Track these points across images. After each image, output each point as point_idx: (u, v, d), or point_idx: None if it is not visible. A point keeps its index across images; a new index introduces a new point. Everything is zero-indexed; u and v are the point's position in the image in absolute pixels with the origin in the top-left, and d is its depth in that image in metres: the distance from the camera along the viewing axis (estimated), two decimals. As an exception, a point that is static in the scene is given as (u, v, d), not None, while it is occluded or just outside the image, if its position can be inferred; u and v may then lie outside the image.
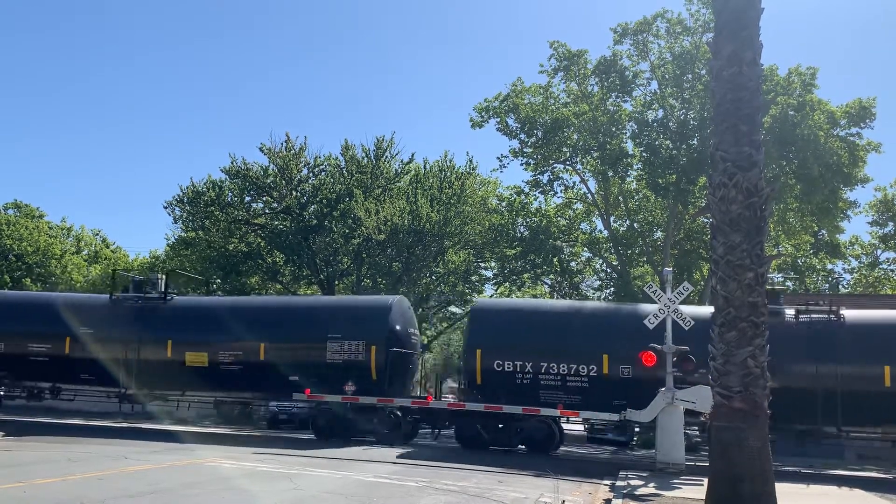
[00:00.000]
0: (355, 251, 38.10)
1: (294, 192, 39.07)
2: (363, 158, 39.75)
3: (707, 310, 16.20)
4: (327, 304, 26.98)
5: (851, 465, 22.64)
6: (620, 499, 12.21)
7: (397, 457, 17.97)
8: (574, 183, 40.36)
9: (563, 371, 21.07)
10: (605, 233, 41.02)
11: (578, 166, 38.93)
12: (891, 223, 48.19)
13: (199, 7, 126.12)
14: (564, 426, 23.46)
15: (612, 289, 42.70)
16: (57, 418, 26.77)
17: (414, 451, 19.98)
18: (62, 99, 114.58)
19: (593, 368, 20.89)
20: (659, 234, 40.91)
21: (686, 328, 17.66)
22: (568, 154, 37.97)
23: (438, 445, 22.98)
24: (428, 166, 40.41)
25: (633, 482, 14.43)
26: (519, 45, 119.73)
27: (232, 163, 39.41)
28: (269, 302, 29.39)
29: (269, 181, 39.52)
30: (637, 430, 24.24)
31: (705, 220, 34.99)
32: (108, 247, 63.94)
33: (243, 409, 29.05)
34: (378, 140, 39.89)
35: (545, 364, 21.22)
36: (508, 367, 21.47)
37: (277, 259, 40.62)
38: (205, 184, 40.02)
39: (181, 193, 40.47)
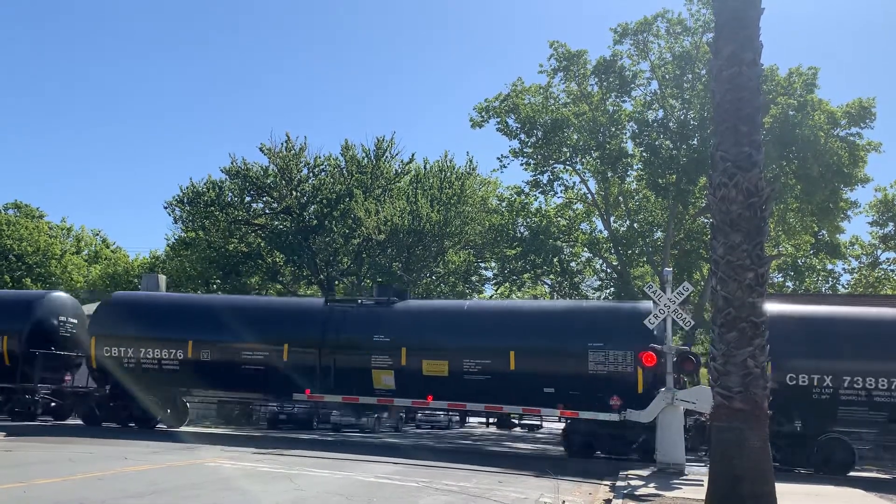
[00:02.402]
0: (355, 251, 38.13)
1: (294, 193, 39.10)
2: (363, 158, 39.79)
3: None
4: (586, 310, 23.77)
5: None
6: (620, 499, 12.20)
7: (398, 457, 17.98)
8: (574, 183, 40.44)
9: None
10: (605, 233, 41.05)
11: (578, 166, 38.97)
12: (891, 223, 48.20)
13: (200, 7, 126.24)
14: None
15: (612, 289, 42.73)
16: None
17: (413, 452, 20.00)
18: (62, 99, 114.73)
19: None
20: (659, 234, 40.93)
21: (686, 328, 17.66)
22: (568, 154, 37.99)
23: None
24: (428, 166, 40.48)
25: (633, 482, 14.43)
26: (519, 45, 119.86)
27: (232, 163, 39.49)
28: (519, 306, 26.42)
29: (269, 181, 39.56)
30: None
31: (705, 221, 35.01)
32: (108, 247, 64.02)
33: (244, 409, 28.93)
34: (378, 140, 39.98)
35: None
36: None
37: (277, 259, 40.65)
38: (205, 184, 40.07)
39: (181, 194, 40.54)
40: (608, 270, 44.03)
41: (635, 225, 41.07)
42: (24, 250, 50.84)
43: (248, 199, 40.90)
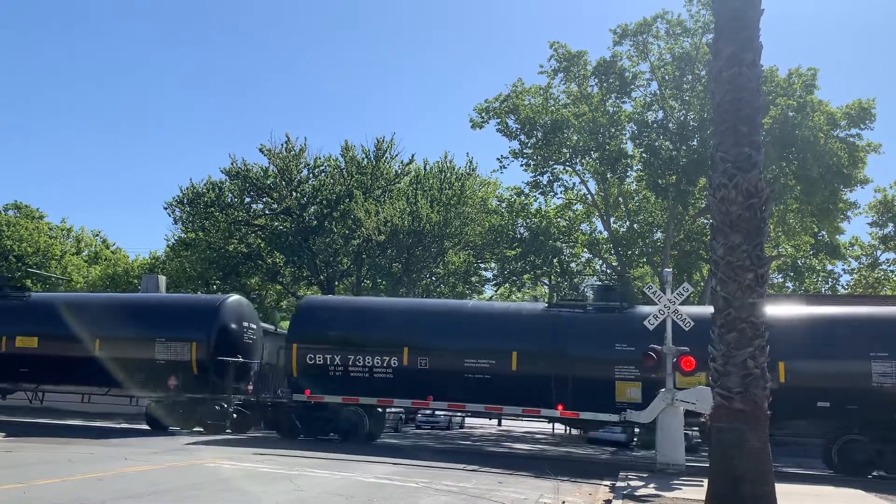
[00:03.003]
0: (355, 252, 38.13)
1: (294, 193, 39.11)
2: (363, 159, 39.80)
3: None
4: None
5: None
6: (620, 499, 12.21)
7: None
8: (574, 184, 40.46)
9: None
10: (605, 234, 41.07)
11: (578, 167, 38.99)
12: (890, 224, 48.23)
13: (200, 8, 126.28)
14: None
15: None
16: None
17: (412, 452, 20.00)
18: (62, 99, 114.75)
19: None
20: (659, 234, 40.95)
21: (686, 329, 17.66)
22: (568, 155, 38.01)
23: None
24: (428, 167, 40.49)
25: (633, 483, 14.43)
26: (519, 45, 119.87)
27: (232, 164, 39.50)
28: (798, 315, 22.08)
29: (268, 182, 39.58)
30: (637, 430, 24.24)
31: (705, 221, 35.02)
32: (108, 247, 63.99)
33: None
34: (378, 141, 39.98)
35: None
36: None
37: (277, 260, 40.66)
38: (205, 185, 40.08)
39: (181, 194, 40.54)
40: (608, 271, 44.05)
41: (635, 226, 41.09)
42: (25, 251, 50.84)
43: (247, 199, 40.92)
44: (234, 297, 25.13)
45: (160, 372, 22.64)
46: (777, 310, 19.97)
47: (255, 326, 24.73)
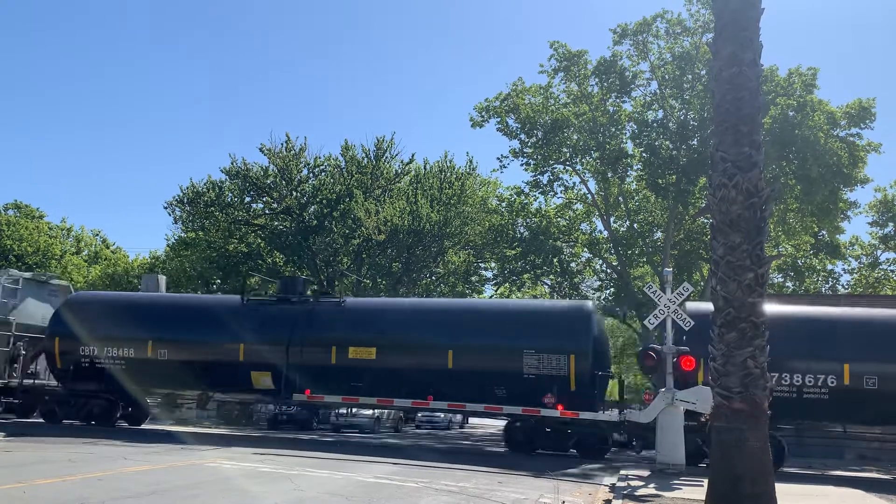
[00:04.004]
0: (355, 252, 38.14)
1: (294, 193, 39.13)
2: (363, 159, 39.81)
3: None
4: None
5: (851, 465, 22.65)
6: (620, 499, 12.20)
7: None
8: (574, 183, 40.43)
9: None
10: (605, 233, 41.06)
11: (578, 167, 38.97)
12: (891, 224, 48.22)
13: (199, 7, 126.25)
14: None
15: (612, 289, 42.74)
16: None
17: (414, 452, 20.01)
18: (62, 99, 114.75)
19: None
20: (659, 234, 40.95)
21: (686, 328, 17.65)
22: (568, 154, 37.99)
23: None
24: (428, 167, 40.49)
25: (633, 483, 14.43)
26: (519, 45, 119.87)
27: (232, 163, 39.51)
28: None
29: (269, 182, 39.59)
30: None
31: (705, 221, 35.00)
32: (108, 247, 63.97)
33: (244, 409, 28.91)
34: (378, 140, 40.00)
35: None
36: None
37: (277, 259, 40.68)
38: (205, 184, 40.10)
39: (181, 194, 40.58)
40: (608, 271, 44.04)
41: (635, 225, 41.09)
42: (24, 251, 50.84)
43: (248, 199, 40.94)
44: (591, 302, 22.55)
45: (529, 387, 20.02)
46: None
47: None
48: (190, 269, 43.13)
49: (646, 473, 16.26)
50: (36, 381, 24.85)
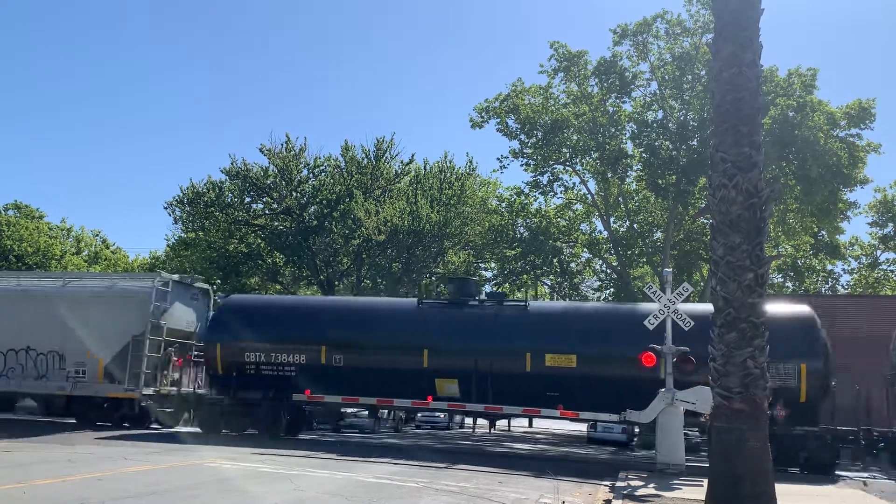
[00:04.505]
0: (355, 252, 38.13)
1: (294, 193, 39.13)
2: (363, 159, 39.81)
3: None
4: None
5: (851, 465, 22.64)
6: (620, 499, 12.21)
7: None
8: (574, 184, 40.42)
9: None
10: (605, 233, 41.07)
11: (578, 167, 38.96)
12: (890, 224, 48.27)
13: (199, 7, 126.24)
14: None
15: (611, 289, 42.74)
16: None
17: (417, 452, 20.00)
18: (62, 99, 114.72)
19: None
20: (659, 234, 40.96)
21: (686, 329, 17.65)
22: (568, 155, 37.99)
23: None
24: (428, 167, 40.48)
25: (633, 483, 14.44)
26: (519, 45, 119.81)
27: (232, 163, 39.51)
28: None
29: (268, 182, 39.59)
30: (637, 430, 24.27)
31: (705, 221, 35.01)
32: (108, 247, 63.96)
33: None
34: (378, 141, 39.98)
35: None
36: None
37: (277, 259, 40.68)
38: (205, 184, 40.09)
39: (181, 194, 40.56)
40: (608, 271, 44.06)
41: (635, 225, 41.09)
42: (25, 251, 50.82)
43: (247, 199, 40.93)
44: None
45: None
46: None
47: None
48: (190, 270, 43.11)
49: (646, 473, 16.27)
50: (193, 389, 23.80)
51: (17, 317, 23.29)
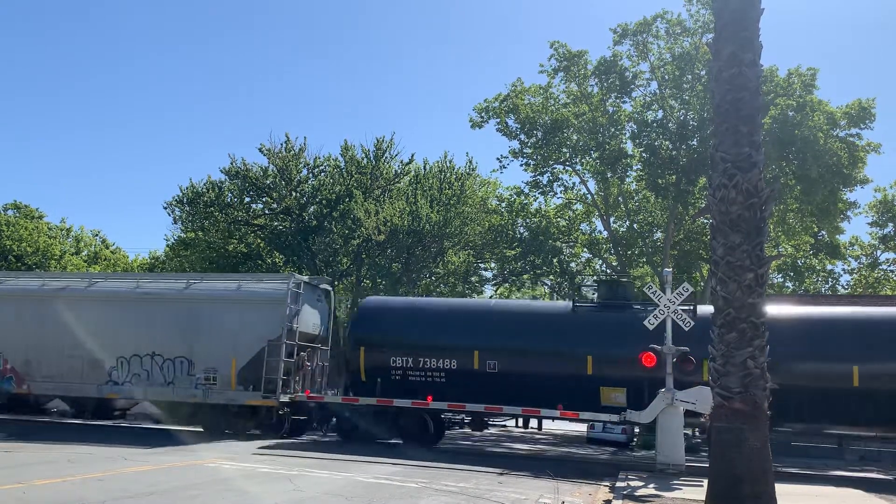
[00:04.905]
0: (355, 252, 38.10)
1: (294, 193, 39.10)
2: (363, 159, 39.77)
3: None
4: None
5: (851, 465, 22.63)
6: (620, 499, 12.21)
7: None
8: (574, 184, 40.45)
9: None
10: (605, 233, 41.09)
11: (578, 167, 38.99)
12: (890, 224, 48.29)
13: (199, 7, 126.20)
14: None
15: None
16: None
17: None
18: (62, 99, 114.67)
19: None
20: (659, 234, 40.96)
21: (686, 329, 17.65)
22: (567, 155, 38.01)
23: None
24: (428, 167, 40.44)
25: (633, 483, 14.44)
26: (519, 45, 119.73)
27: (231, 163, 39.45)
28: None
29: (268, 182, 39.55)
30: (637, 430, 24.26)
31: (705, 221, 35.02)
32: (107, 247, 63.94)
33: None
34: (378, 141, 39.92)
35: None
36: None
37: (277, 260, 40.64)
38: (204, 184, 40.06)
39: (181, 194, 40.52)
40: (608, 271, 44.04)
41: (635, 225, 41.10)
42: (24, 251, 50.80)
43: (247, 199, 40.89)
44: None
45: None
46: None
47: None
48: (189, 270, 43.09)
49: (646, 473, 16.27)
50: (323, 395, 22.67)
51: (140, 321, 22.35)
